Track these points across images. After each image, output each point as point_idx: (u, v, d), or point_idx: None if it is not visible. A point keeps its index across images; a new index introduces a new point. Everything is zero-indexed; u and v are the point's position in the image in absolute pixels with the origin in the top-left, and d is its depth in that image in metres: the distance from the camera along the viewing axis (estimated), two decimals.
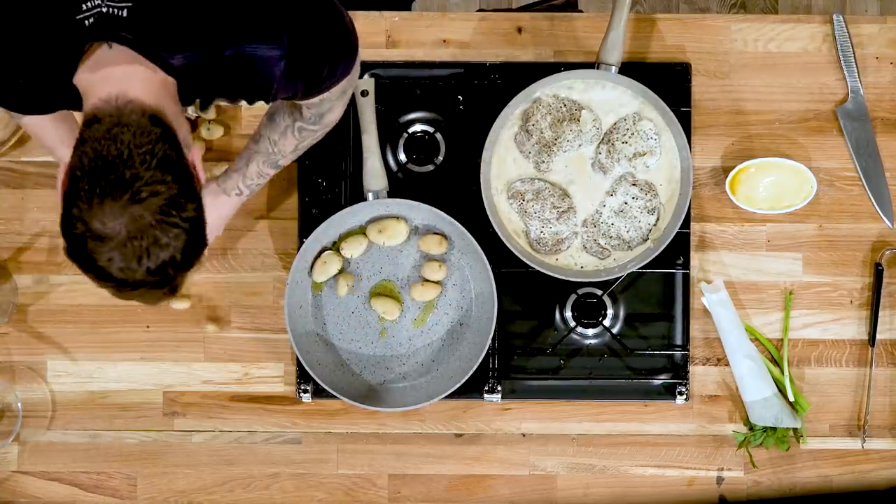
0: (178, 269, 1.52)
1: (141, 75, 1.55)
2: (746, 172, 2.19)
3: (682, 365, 2.22)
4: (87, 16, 1.55)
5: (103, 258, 1.49)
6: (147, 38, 1.56)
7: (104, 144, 1.48)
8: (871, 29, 2.24)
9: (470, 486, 2.25)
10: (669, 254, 2.20)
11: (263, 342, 2.25)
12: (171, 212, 1.49)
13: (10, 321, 2.25)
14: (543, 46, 2.25)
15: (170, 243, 1.49)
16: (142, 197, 1.47)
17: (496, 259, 2.19)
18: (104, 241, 1.48)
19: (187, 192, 1.51)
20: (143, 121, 1.50)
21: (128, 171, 1.47)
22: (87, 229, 1.48)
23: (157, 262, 1.49)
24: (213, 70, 1.63)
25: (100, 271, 1.50)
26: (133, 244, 1.48)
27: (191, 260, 1.53)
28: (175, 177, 1.50)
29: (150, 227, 1.48)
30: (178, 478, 2.26)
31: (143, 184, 1.47)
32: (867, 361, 2.23)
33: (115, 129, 1.49)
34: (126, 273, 1.50)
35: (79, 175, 1.48)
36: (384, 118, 2.23)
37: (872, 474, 2.24)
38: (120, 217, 1.47)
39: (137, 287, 1.52)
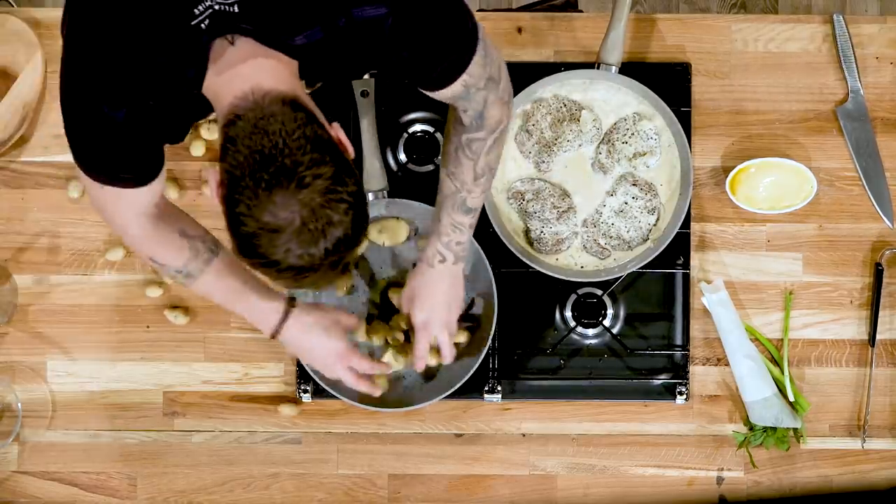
0: (350, 244, 1.53)
1: (268, 65, 1.55)
2: (746, 172, 2.19)
3: (682, 365, 2.22)
4: (202, 19, 1.55)
5: (280, 250, 1.50)
6: (265, 27, 1.56)
7: (255, 139, 1.49)
8: (871, 29, 2.24)
9: (470, 486, 2.25)
10: (669, 254, 2.20)
11: (263, 342, 2.25)
12: (337, 188, 1.50)
13: (10, 321, 2.25)
14: (543, 46, 2.25)
15: (342, 220, 1.50)
16: (307, 182, 1.48)
17: (496, 259, 2.19)
18: (279, 232, 1.49)
19: (345, 167, 1.52)
20: (285, 109, 1.51)
21: (287, 160, 1.48)
22: (259, 225, 1.49)
23: (333, 240, 1.51)
24: (332, 43, 1.62)
25: (277, 263, 1.51)
26: (308, 228, 1.49)
27: (360, 234, 1.54)
28: (331, 156, 1.51)
29: (322, 208, 1.49)
30: (178, 478, 2.26)
31: (305, 168, 1.48)
32: (867, 361, 2.23)
33: (262, 122, 1.49)
34: (304, 259, 1.51)
35: (238, 174, 1.49)
36: (384, 118, 2.23)
37: (872, 474, 2.24)
38: (291, 205, 1.48)
39: (317, 270, 1.53)
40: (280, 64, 1.57)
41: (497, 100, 1.82)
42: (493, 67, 1.78)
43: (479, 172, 1.90)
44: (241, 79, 1.54)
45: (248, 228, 1.50)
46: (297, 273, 1.53)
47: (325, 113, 2.23)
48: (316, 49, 1.61)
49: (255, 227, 1.49)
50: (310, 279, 1.55)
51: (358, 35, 1.63)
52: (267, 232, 1.49)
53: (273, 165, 1.48)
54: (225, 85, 1.55)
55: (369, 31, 1.63)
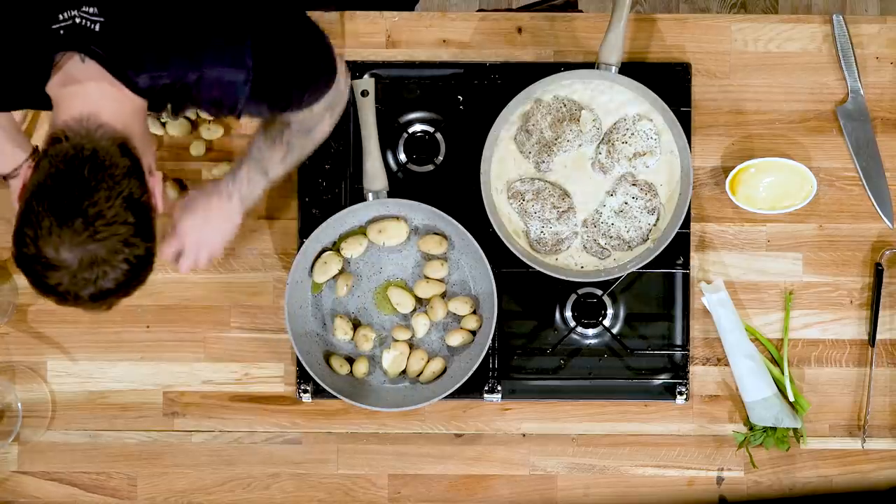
0: (117, 294, 1.58)
1: (112, 96, 1.56)
2: (746, 172, 2.19)
3: (682, 365, 2.22)
4: (61, 26, 1.56)
5: (52, 280, 1.54)
6: (116, 56, 1.57)
7: (70, 167, 1.50)
8: (871, 29, 2.24)
9: (470, 486, 2.25)
10: (669, 254, 2.20)
11: (263, 342, 2.25)
12: (125, 249, 1.54)
13: (10, 321, 2.25)
14: (543, 46, 2.25)
15: (116, 277, 1.55)
16: (101, 236, 1.51)
17: (496, 259, 2.19)
18: (55, 269, 1.53)
19: (143, 230, 1.56)
20: (112, 149, 1.53)
21: (91, 208, 1.50)
22: (39, 254, 1.52)
23: (100, 289, 1.55)
24: (178, 90, 1.64)
25: (46, 287, 1.56)
26: (83, 275, 1.53)
27: (129, 289, 1.59)
28: (136, 216, 1.54)
29: (103, 263, 1.53)
30: (178, 478, 2.26)
31: (105, 223, 1.51)
32: (867, 361, 2.23)
33: (84, 153, 1.51)
34: (70, 294, 1.56)
35: (40, 194, 1.50)
36: (384, 118, 2.23)
37: (872, 474, 2.24)
38: (75, 250, 1.51)
39: (78, 305, 1.58)
40: (123, 98, 1.58)
41: (330, 121, 1.92)
42: (337, 98, 1.87)
43: (289, 161, 1.98)
44: (82, 99, 1.55)
45: (28, 251, 1.53)
46: (60, 299, 1.57)
47: None
48: (158, 92, 1.62)
49: (34, 253, 1.53)
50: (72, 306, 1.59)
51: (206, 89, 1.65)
52: (44, 263, 1.53)
53: (75, 203, 1.50)
54: (66, 98, 1.56)
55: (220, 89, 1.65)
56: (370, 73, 2.23)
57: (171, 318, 2.25)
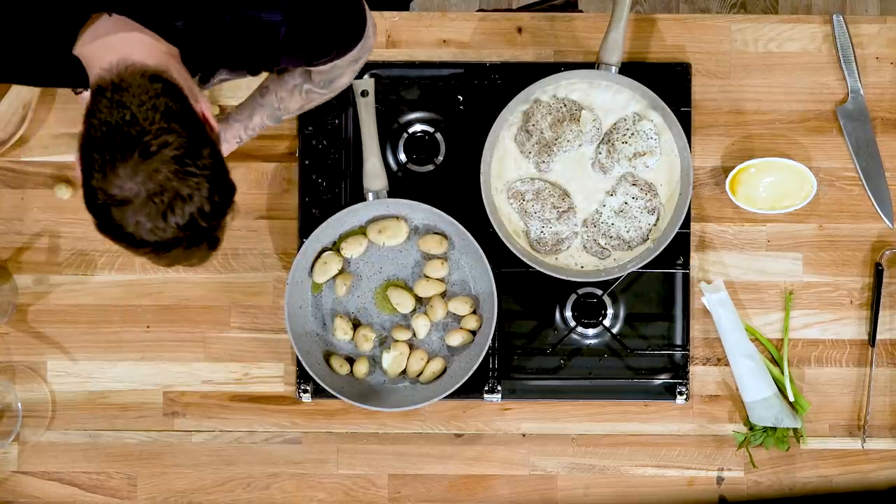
0: (209, 218, 1.49)
1: (142, 41, 1.53)
2: (746, 172, 2.19)
3: (682, 365, 2.22)
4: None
5: (130, 223, 1.46)
6: (147, 6, 1.54)
7: (109, 111, 1.46)
8: (871, 29, 2.24)
9: (470, 486, 2.25)
10: (669, 254, 2.20)
11: (263, 342, 2.25)
12: (186, 160, 1.46)
13: (10, 321, 2.25)
14: (543, 46, 2.25)
15: (192, 194, 1.46)
16: (152, 151, 1.45)
17: (496, 259, 2.19)
18: (126, 204, 1.45)
19: (199, 138, 1.48)
20: (142, 81, 1.48)
21: (133, 129, 1.45)
22: (107, 197, 1.46)
23: (184, 215, 1.47)
24: (215, 36, 1.60)
25: (131, 238, 1.47)
26: (155, 201, 1.45)
27: (221, 208, 1.50)
28: (183, 125, 1.47)
29: (168, 181, 1.45)
30: (178, 478, 2.26)
31: (152, 137, 1.45)
32: (867, 361, 2.23)
33: (117, 95, 1.47)
34: (157, 233, 1.47)
35: (89, 147, 1.47)
36: (384, 118, 2.23)
37: (872, 474, 2.24)
38: (135, 176, 1.45)
39: (173, 247, 1.49)
40: (155, 41, 1.55)
41: (351, 72, 1.88)
42: (363, 52, 1.82)
43: (305, 109, 1.98)
44: (112, 50, 1.51)
45: (99, 201, 1.47)
46: (154, 248, 1.49)
47: (325, 113, 2.24)
48: (195, 37, 1.59)
49: (103, 199, 1.46)
50: (171, 255, 1.51)
51: (245, 34, 1.61)
52: (115, 205, 1.46)
53: (120, 135, 1.45)
54: (97, 53, 1.53)
55: (259, 33, 1.62)
56: (370, 73, 2.23)
57: (171, 318, 2.25)
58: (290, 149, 2.25)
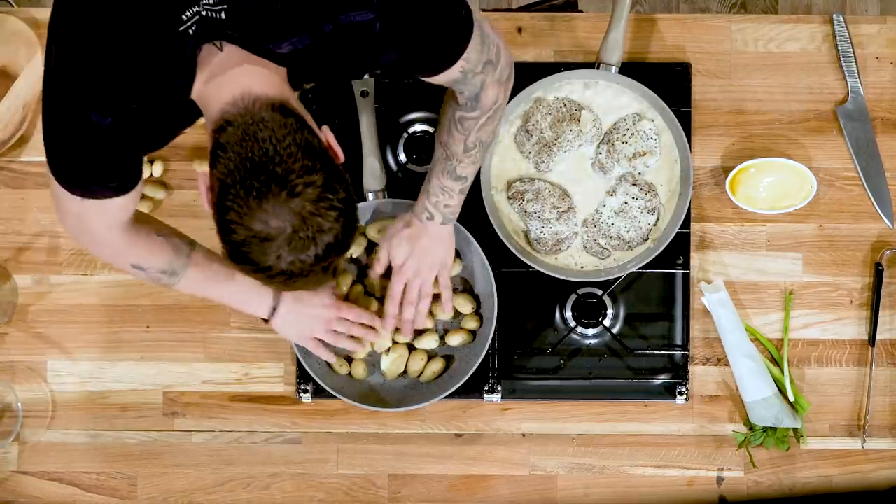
0: (340, 249, 1.54)
1: (256, 72, 1.55)
2: (746, 172, 2.19)
3: (682, 365, 2.22)
4: (189, 25, 1.54)
5: (272, 257, 1.51)
6: (251, 34, 1.56)
7: (246, 146, 1.49)
8: (871, 29, 2.24)
9: (470, 486, 2.25)
10: (669, 254, 2.20)
11: (263, 342, 2.25)
12: (328, 195, 1.50)
13: (10, 321, 2.25)
14: (543, 46, 2.25)
15: (332, 227, 1.51)
16: (298, 191, 1.48)
17: (496, 259, 2.19)
18: (270, 240, 1.50)
19: (335, 174, 1.52)
20: (275, 115, 1.51)
21: (279, 168, 1.48)
22: (250, 234, 1.49)
23: (323, 246, 1.52)
24: (319, 49, 1.62)
25: (269, 269, 1.52)
26: (299, 236, 1.50)
27: (350, 238, 1.55)
28: (322, 163, 1.51)
29: (312, 216, 1.50)
30: (178, 478, 2.26)
31: (297, 176, 1.48)
32: (867, 361, 2.23)
33: (252, 128, 1.49)
34: (295, 265, 1.52)
35: (229, 182, 1.49)
36: (384, 118, 2.23)
37: (872, 474, 2.24)
38: (282, 213, 1.48)
39: (307, 276, 1.54)
40: (268, 70, 1.57)
41: (494, 82, 1.84)
42: (491, 50, 1.80)
43: (470, 146, 1.93)
44: (230, 85, 1.54)
45: (239, 237, 1.50)
46: (287, 278, 1.54)
47: (325, 113, 2.24)
48: (303, 55, 1.61)
49: (245, 235, 1.50)
50: (300, 283, 1.56)
51: (346, 40, 1.62)
52: (258, 240, 1.50)
53: (264, 173, 1.48)
54: (214, 91, 1.55)
55: (357, 36, 1.62)
56: (370, 74, 2.23)
57: (171, 318, 2.25)
58: None
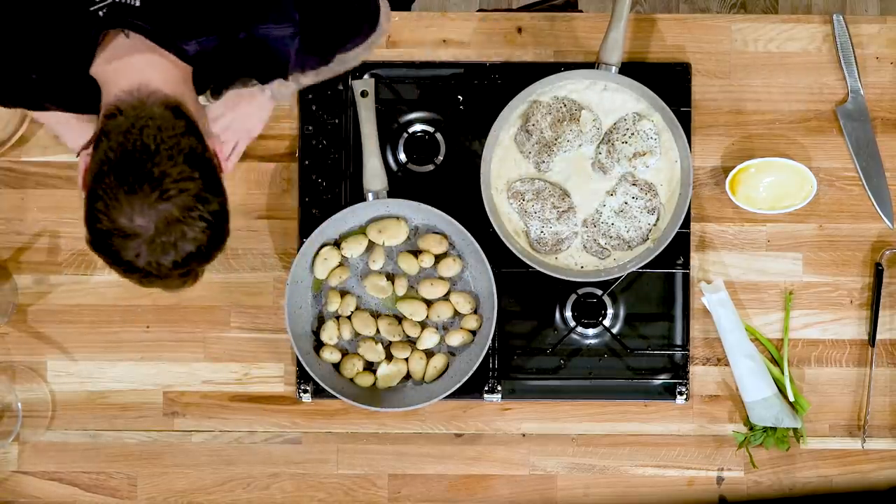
0: (201, 260, 1.54)
1: (159, 65, 1.55)
2: (746, 172, 2.19)
3: (682, 365, 2.22)
4: (101, 6, 1.54)
5: (130, 253, 1.50)
6: (161, 27, 1.55)
7: (129, 138, 1.48)
8: (871, 29, 2.24)
9: (470, 486, 2.25)
10: (669, 254, 2.20)
11: (263, 342, 2.25)
12: (198, 206, 1.50)
13: (10, 321, 2.25)
14: (543, 46, 2.25)
15: (196, 237, 1.51)
16: (171, 195, 1.48)
17: (496, 259, 2.19)
18: (131, 237, 1.49)
19: (213, 185, 1.52)
20: (166, 113, 1.51)
21: (156, 169, 1.48)
22: (113, 226, 1.49)
23: (182, 254, 1.52)
24: (228, 54, 1.62)
25: (126, 265, 1.52)
26: (161, 240, 1.50)
27: (213, 250, 1.55)
28: (202, 171, 1.51)
29: (178, 223, 1.49)
30: (178, 478, 2.26)
31: (172, 181, 1.48)
32: (867, 361, 2.23)
33: (140, 122, 1.49)
34: (153, 267, 1.52)
35: (105, 170, 1.48)
36: (384, 118, 2.23)
37: (872, 474, 2.24)
38: (148, 214, 1.48)
39: (163, 279, 1.54)
40: (172, 66, 1.56)
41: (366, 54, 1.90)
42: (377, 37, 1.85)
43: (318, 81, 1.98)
44: (129, 72, 1.53)
45: (103, 226, 1.50)
46: (143, 276, 1.54)
47: (325, 113, 2.24)
48: (210, 57, 1.60)
49: (109, 226, 1.49)
50: (157, 284, 1.56)
51: (258, 49, 1.63)
52: (119, 235, 1.49)
53: (140, 170, 1.48)
54: (112, 74, 1.54)
55: (272, 47, 1.63)
56: (370, 73, 2.23)
57: (171, 318, 2.25)
58: (290, 149, 2.25)
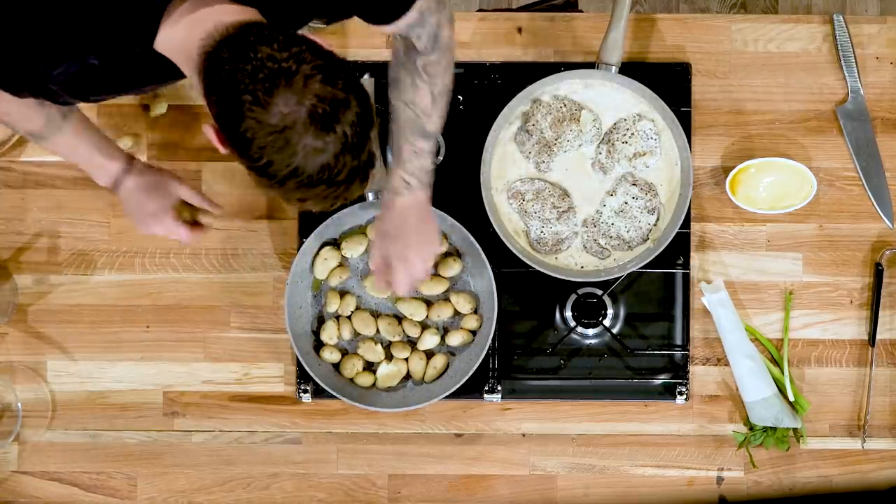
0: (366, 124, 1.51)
1: (228, 9, 1.55)
2: (746, 172, 2.19)
3: (682, 365, 2.22)
4: None
5: (298, 148, 1.48)
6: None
7: (237, 56, 1.48)
8: (871, 29, 2.24)
9: (470, 486, 2.25)
10: (669, 254, 2.20)
11: (263, 342, 2.25)
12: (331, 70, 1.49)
13: (10, 321, 2.25)
14: (543, 46, 2.25)
15: (348, 98, 1.49)
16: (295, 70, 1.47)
17: (496, 259, 2.19)
18: (290, 128, 1.47)
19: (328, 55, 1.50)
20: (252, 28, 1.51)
21: (270, 62, 1.47)
22: (269, 130, 1.47)
23: (347, 122, 1.49)
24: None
25: (299, 170, 1.49)
26: (318, 114, 1.47)
27: (370, 111, 1.52)
28: (310, 49, 1.49)
29: (323, 89, 1.47)
30: (178, 478, 2.26)
31: (288, 61, 1.47)
32: (867, 361, 2.23)
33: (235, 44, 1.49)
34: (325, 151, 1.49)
35: (231, 96, 1.47)
36: (384, 118, 2.23)
37: (872, 474, 2.24)
38: (292, 98, 1.46)
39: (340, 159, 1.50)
40: (240, 8, 1.57)
41: (447, 21, 1.84)
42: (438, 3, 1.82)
43: (437, 95, 1.91)
44: (201, 22, 1.53)
45: (260, 140, 1.48)
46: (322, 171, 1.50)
47: None
48: None
49: (265, 135, 1.48)
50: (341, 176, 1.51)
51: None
52: (279, 134, 1.47)
53: (262, 72, 1.47)
54: (186, 32, 1.54)
55: None
56: (370, 74, 2.23)
57: (171, 318, 2.25)
58: None
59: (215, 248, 2.25)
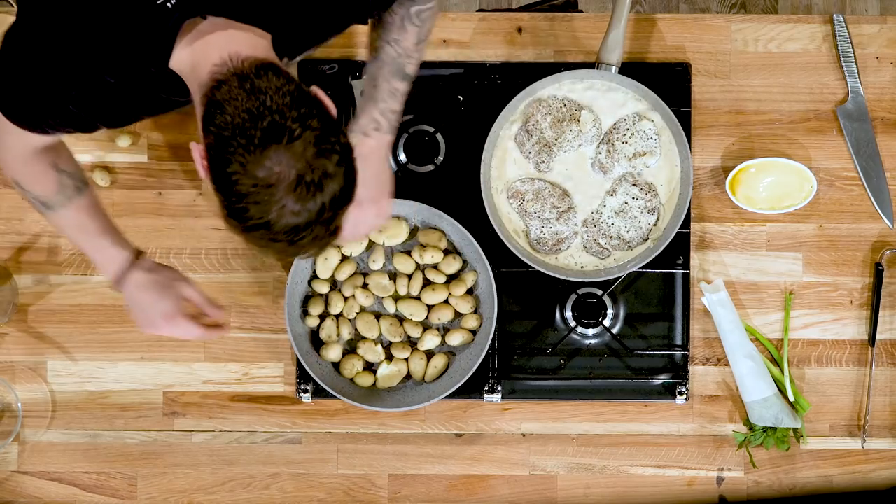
0: (344, 200, 1.53)
1: (243, 37, 1.56)
2: (746, 172, 2.19)
3: (682, 365, 2.22)
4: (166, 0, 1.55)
5: (275, 206, 1.49)
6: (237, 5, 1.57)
7: (242, 99, 1.49)
8: (871, 29, 2.24)
9: (470, 486, 2.25)
10: (669, 254, 2.20)
11: (263, 342, 2.25)
12: (329, 138, 1.50)
13: (10, 321, 2.25)
14: (543, 46, 2.25)
15: (336, 171, 1.50)
16: (297, 134, 1.48)
17: (496, 259, 2.19)
18: (274, 186, 1.48)
19: (331, 121, 1.52)
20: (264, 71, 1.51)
21: (276, 116, 1.48)
22: (253, 181, 1.48)
23: (329, 194, 1.50)
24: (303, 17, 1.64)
25: (270, 224, 1.50)
26: (305, 181, 1.48)
27: (352, 189, 1.54)
28: (318, 111, 1.51)
29: (316, 158, 1.49)
30: (178, 478, 2.26)
31: (293, 122, 1.48)
32: (867, 361, 2.23)
33: (247, 84, 1.50)
34: (301, 215, 1.50)
35: (227, 135, 1.48)
36: None
37: (872, 474, 2.24)
38: (286, 159, 1.47)
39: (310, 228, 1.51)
40: (253, 35, 1.57)
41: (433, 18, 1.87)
42: None
43: (421, 38, 1.91)
44: (216, 49, 1.54)
45: (243, 187, 1.49)
46: (290, 233, 1.51)
47: None
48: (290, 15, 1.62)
49: (249, 184, 1.48)
50: (305, 241, 1.53)
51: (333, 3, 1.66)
52: (262, 188, 1.48)
53: (264, 121, 1.47)
54: (200, 54, 1.55)
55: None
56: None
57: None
58: None
59: (215, 248, 2.25)
